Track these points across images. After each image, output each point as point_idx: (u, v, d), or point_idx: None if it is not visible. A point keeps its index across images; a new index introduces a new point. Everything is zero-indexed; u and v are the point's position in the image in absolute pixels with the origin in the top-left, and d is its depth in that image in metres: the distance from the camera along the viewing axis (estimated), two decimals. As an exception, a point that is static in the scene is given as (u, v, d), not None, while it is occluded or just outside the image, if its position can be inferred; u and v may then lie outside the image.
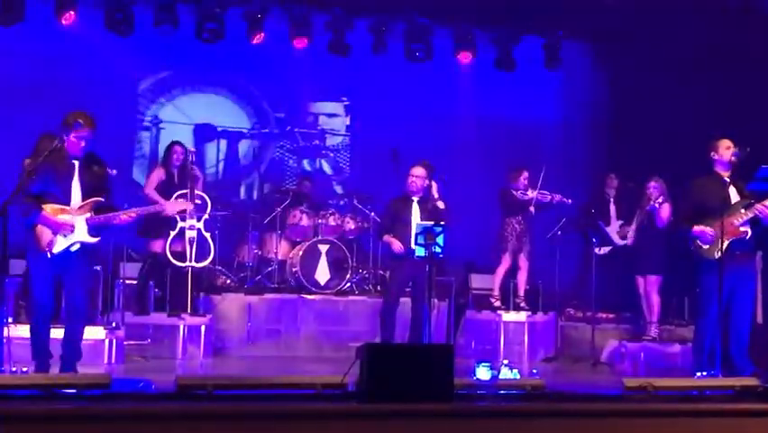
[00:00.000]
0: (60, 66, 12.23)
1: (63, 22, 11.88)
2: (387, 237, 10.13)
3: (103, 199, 7.76)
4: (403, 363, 6.31)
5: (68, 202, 7.62)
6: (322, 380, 6.70)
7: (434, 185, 10.16)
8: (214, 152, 14.02)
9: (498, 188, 11.91)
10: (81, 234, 7.65)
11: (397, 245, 9.95)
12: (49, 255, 7.54)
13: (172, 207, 9.08)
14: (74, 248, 7.64)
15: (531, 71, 13.76)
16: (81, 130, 7.56)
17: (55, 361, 7.75)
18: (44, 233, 7.55)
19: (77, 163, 7.66)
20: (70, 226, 7.59)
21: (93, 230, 7.70)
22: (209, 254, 10.80)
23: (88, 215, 7.67)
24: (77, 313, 7.82)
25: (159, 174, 10.91)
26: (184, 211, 10.35)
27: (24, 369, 7.18)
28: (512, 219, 11.65)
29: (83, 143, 7.60)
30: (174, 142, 11.14)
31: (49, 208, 7.54)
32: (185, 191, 10.57)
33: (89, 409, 5.86)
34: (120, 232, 9.07)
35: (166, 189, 10.65)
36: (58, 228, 7.56)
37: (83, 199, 7.66)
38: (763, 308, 10.59)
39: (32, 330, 7.78)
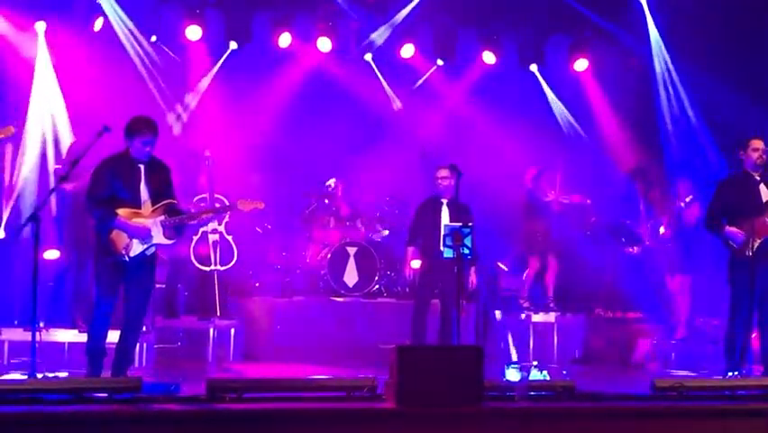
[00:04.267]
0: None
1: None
2: (410, 255, 10.26)
3: (175, 201, 7.86)
4: (433, 364, 6.32)
5: (138, 206, 7.70)
6: (352, 382, 6.71)
7: None
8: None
9: (521, 189, 11.90)
10: (157, 238, 7.72)
11: (412, 265, 10.12)
12: (126, 259, 7.60)
13: (243, 206, 9.13)
14: (149, 252, 7.72)
15: (555, 71, 13.72)
16: (146, 135, 7.66)
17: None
18: (119, 237, 7.61)
19: (142, 168, 7.75)
20: (147, 230, 7.66)
21: (168, 232, 7.77)
22: (233, 257, 10.85)
23: (162, 218, 7.74)
24: (136, 320, 7.88)
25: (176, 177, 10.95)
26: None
27: (52, 374, 7.24)
28: (536, 221, 11.62)
29: (148, 148, 7.71)
30: (190, 151, 11.13)
31: (122, 213, 7.61)
32: (203, 195, 10.62)
33: (120, 413, 5.90)
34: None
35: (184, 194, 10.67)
36: (134, 232, 7.63)
37: (152, 203, 7.73)
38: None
39: (91, 334, 7.79)
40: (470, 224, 9.09)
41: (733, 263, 8.65)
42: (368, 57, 13.56)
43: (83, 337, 8.23)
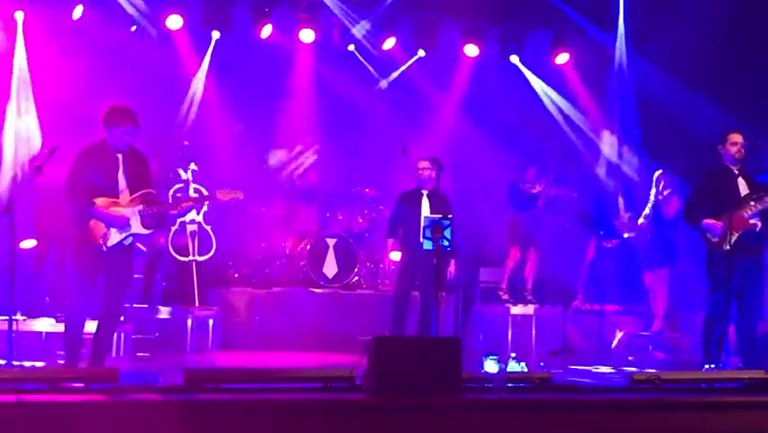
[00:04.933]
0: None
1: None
2: (389, 246, 10.30)
3: (154, 191, 7.83)
4: (411, 355, 6.31)
5: (116, 196, 7.66)
6: (330, 373, 6.70)
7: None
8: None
9: (505, 182, 11.92)
10: (135, 227, 7.68)
11: (391, 257, 10.17)
12: (105, 249, 7.56)
13: (222, 196, 9.12)
14: (127, 241, 7.68)
15: (537, 65, 13.73)
16: (126, 125, 7.62)
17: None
18: (97, 227, 7.58)
19: (120, 157, 7.71)
20: (126, 219, 7.62)
21: (147, 222, 7.73)
22: (212, 248, 10.81)
23: (140, 207, 7.69)
24: (114, 310, 7.83)
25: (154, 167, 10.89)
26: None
27: (29, 364, 7.20)
28: (520, 213, 11.65)
29: (127, 138, 7.67)
30: (166, 139, 11.05)
31: (100, 202, 7.57)
32: (180, 185, 10.58)
33: (97, 403, 5.87)
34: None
35: (162, 183, 10.62)
36: (113, 222, 7.59)
37: (130, 193, 7.69)
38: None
39: (68, 324, 7.75)
40: (449, 216, 9.10)
41: (710, 257, 8.68)
42: (351, 48, 13.53)
43: (60, 327, 8.19)
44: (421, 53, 13.48)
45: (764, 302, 9.85)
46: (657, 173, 11.12)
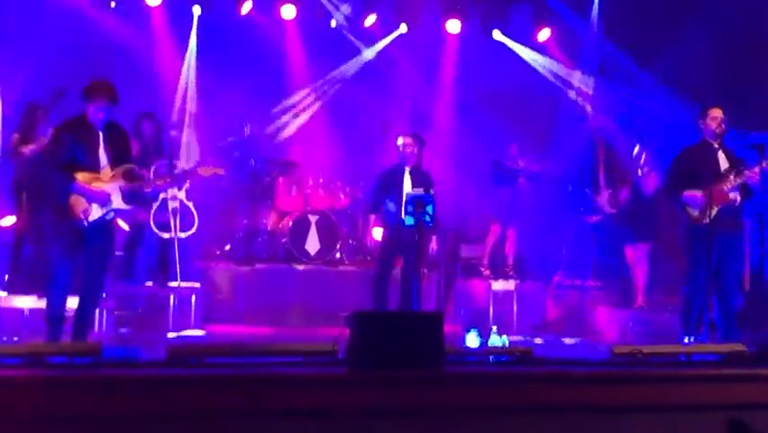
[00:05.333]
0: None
1: None
2: (371, 222, 10.34)
3: (134, 167, 7.81)
4: (393, 330, 6.33)
5: (96, 171, 7.64)
6: (312, 347, 6.72)
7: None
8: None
9: (488, 158, 11.94)
10: (116, 203, 7.67)
11: (374, 237, 10.16)
12: (86, 224, 7.54)
13: (204, 171, 9.11)
14: (109, 216, 7.68)
15: (519, 39, 13.74)
16: (100, 101, 7.58)
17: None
18: (78, 202, 7.56)
19: (101, 133, 7.68)
20: (107, 195, 7.60)
21: (127, 198, 7.73)
22: (194, 224, 10.79)
23: (122, 182, 7.68)
24: (95, 286, 7.83)
25: (134, 147, 10.86)
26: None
27: (15, 338, 7.20)
28: (502, 189, 11.68)
29: (101, 114, 7.64)
30: (142, 115, 11.00)
31: (81, 177, 7.55)
32: (162, 161, 10.54)
33: (80, 378, 5.87)
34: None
35: (142, 162, 10.57)
36: (94, 197, 7.57)
37: (111, 168, 7.68)
38: (751, 275, 10.65)
39: (50, 300, 7.74)
40: (431, 191, 9.11)
41: (690, 231, 8.73)
42: (333, 24, 13.50)
43: (42, 304, 8.17)
44: (403, 28, 13.47)
45: (743, 277, 9.96)
46: (636, 149, 11.16)
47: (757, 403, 6.37)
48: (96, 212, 7.59)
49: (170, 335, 9.71)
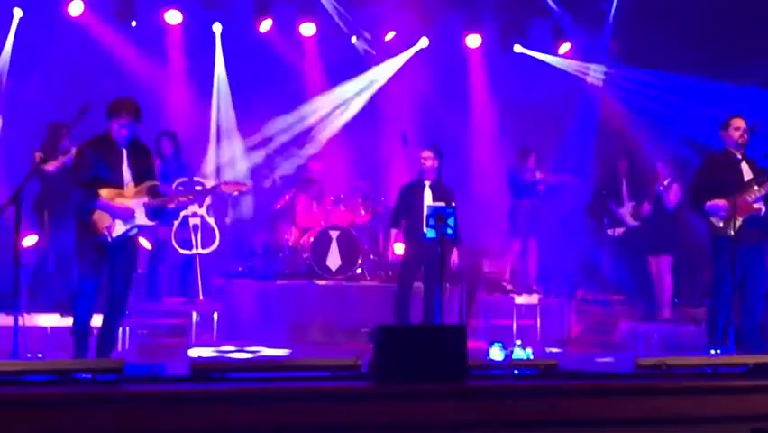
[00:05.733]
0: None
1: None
2: (393, 237, 10.39)
3: (158, 183, 7.90)
4: (416, 343, 6.31)
5: (120, 187, 7.69)
6: (335, 362, 6.71)
7: None
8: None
9: (506, 170, 11.94)
10: (140, 219, 7.72)
11: (395, 252, 10.18)
12: (109, 240, 7.58)
13: (227, 187, 9.15)
14: (132, 232, 7.73)
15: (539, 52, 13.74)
16: (123, 118, 7.64)
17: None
18: (102, 218, 7.62)
19: (125, 150, 7.74)
20: (131, 211, 7.65)
21: (150, 214, 7.78)
22: (215, 240, 10.81)
23: (146, 199, 7.73)
24: (119, 302, 7.87)
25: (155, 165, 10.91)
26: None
27: (39, 355, 7.21)
28: (521, 201, 11.65)
29: (125, 131, 7.70)
30: (162, 134, 11.05)
31: (105, 193, 7.60)
32: (184, 179, 10.59)
33: (103, 394, 5.87)
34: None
35: (164, 179, 10.61)
36: (118, 213, 7.63)
37: (134, 185, 7.72)
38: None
39: (76, 316, 7.78)
40: (452, 204, 9.10)
41: (715, 242, 8.69)
42: (354, 40, 13.52)
43: (66, 322, 8.21)
44: (423, 42, 13.47)
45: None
46: (659, 163, 11.14)
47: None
48: (119, 228, 7.64)
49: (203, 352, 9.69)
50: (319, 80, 13.46)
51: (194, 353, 9.35)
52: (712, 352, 8.33)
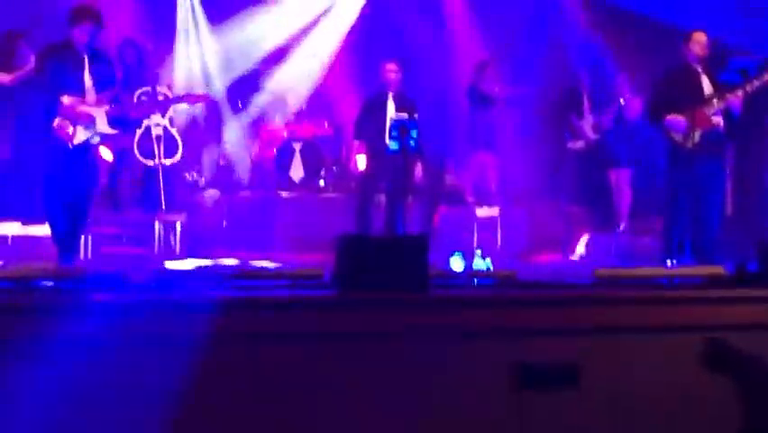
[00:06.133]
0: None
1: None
2: (355, 148, 10.33)
3: (120, 91, 7.81)
4: (378, 253, 6.36)
5: (82, 95, 7.61)
6: (298, 271, 6.77)
7: None
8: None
9: (466, 83, 11.90)
10: (102, 126, 7.67)
11: (359, 164, 10.13)
12: (71, 146, 7.54)
13: (191, 99, 9.08)
14: (94, 140, 7.71)
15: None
16: (85, 24, 7.54)
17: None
18: (63, 124, 7.56)
19: (86, 57, 7.65)
20: (92, 117, 7.60)
21: (112, 122, 7.72)
22: (177, 151, 10.75)
23: (107, 106, 7.67)
24: (82, 210, 7.89)
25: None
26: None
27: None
28: (481, 114, 11.64)
29: (86, 38, 7.60)
30: (125, 42, 10.89)
31: (66, 100, 7.53)
32: (147, 88, 10.48)
33: (65, 301, 5.88)
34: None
35: (126, 88, 10.49)
36: (79, 119, 7.58)
37: (95, 92, 7.65)
38: (732, 199, 10.72)
39: (51, 222, 7.81)
40: (415, 116, 9.11)
41: (673, 156, 8.78)
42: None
43: (28, 230, 8.21)
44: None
45: (724, 201, 10.02)
46: (619, 76, 11.16)
47: (738, 325, 6.45)
48: (81, 134, 7.61)
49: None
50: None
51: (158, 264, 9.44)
52: (668, 263, 8.47)
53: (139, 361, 5.49)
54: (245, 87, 12.61)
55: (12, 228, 9.29)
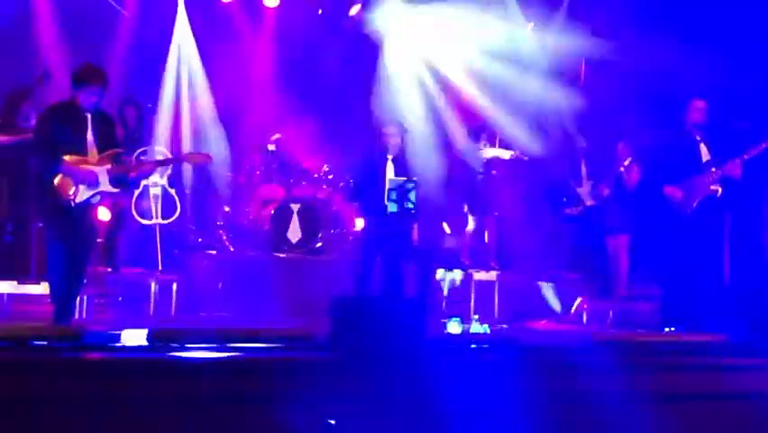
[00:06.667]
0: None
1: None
2: (355, 210, 10.34)
3: (122, 150, 7.89)
4: (375, 315, 6.33)
5: (84, 154, 7.65)
6: (292, 333, 6.74)
7: None
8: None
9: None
10: (104, 185, 7.68)
11: (357, 225, 10.10)
12: (73, 204, 7.54)
13: (191, 159, 9.10)
14: (95, 199, 7.71)
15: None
16: (93, 86, 7.59)
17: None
18: (66, 182, 7.58)
19: (89, 117, 7.70)
20: (95, 176, 7.61)
21: (114, 181, 7.74)
22: (175, 211, 10.76)
23: (109, 166, 7.69)
24: (79, 270, 7.85)
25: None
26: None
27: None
28: (479, 178, 11.68)
29: (95, 99, 7.67)
30: (126, 102, 10.98)
31: (69, 158, 7.55)
32: (146, 148, 10.53)
33: (61, 361, 5.85)
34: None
35: (126, 148, 10.53)
36: (82, 178, 7.58)
37: (98, 152, 7.68)
38: (731, 268, 10.69)
39: (52, 281, 7.77)
40: (414, 179, 9.12)
41: (671, 223, 8.78)
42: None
43: (23, 289, 8.17)
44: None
45: (722, 269, 10.00)
46: (619, 143, 11.20)
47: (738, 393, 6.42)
48: (83, 193, 7.63)
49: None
50: (281, 53, 13.34)
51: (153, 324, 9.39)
52: (666, 330, 8.43)
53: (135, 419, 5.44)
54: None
55: (6, 287, 9.25)
